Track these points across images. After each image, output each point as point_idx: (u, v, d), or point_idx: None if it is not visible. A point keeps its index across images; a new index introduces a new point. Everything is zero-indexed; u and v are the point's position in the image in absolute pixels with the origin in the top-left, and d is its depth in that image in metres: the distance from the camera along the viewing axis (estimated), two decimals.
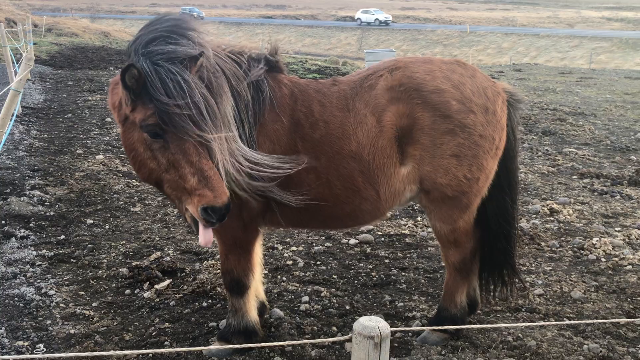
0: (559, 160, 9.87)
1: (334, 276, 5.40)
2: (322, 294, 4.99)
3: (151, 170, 3.19)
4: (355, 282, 5.31)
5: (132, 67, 2.96)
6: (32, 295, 4.78)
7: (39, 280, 5.07)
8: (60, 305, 4.68)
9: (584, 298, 4.98)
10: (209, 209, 3.01)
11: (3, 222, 6.24)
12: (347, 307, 4.79)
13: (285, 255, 5.87)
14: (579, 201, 7.67)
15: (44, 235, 6.09)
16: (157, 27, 3.25)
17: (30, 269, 5.27)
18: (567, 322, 2.92)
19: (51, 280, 5.11)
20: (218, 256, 5.15)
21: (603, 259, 5.79)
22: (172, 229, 6.49)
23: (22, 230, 6.08)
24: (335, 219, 3.93)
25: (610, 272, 5.52)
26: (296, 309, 4.75)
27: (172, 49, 3.10)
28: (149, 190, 7.56)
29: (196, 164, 3.03)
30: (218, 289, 4.98)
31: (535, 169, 9.29)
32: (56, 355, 2.19)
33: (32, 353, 3.99)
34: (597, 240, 6.16)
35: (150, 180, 3.30)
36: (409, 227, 6.76)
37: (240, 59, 3.62)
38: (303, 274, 5.43)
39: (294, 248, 6.06)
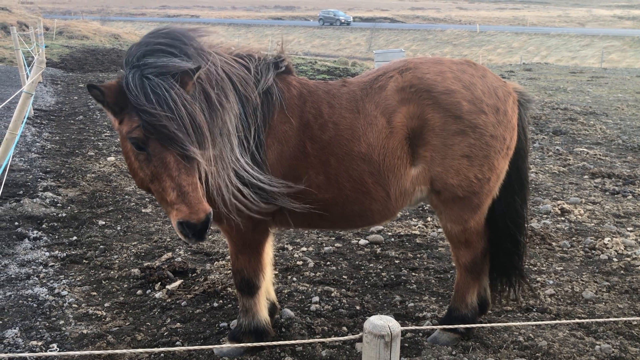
0: (570, 159, 9.82)
1: (344, 276, 5.41)
2: (333, 294, 5.00)
3: (142, 180, 3.24)
4: (366, 282, 5.31)
5: (91, 88, 3.03)
6: (45, 295, 4.83)
7: (51, 281, 5.12)
8: (73, 305, 4.72)
9: (596, 298, 4.95)
10: (185, 224, 3.02)
11: (16, 223, 6.31)
12: (358, 308, 4.80)
13: (296, 255, 5.88)
14: (591, 201, 7.62)
15: (57, 236, 6.15)
16: (152, 40, 3.28)
17: (43, 270, 5.32)
18: (579, 320, 2.90)
19: (64, 280, 5.16)
20: (229, 256, 5.18)
21: (615, 259, 5.75)
22: None
23: (35, 232, 6.14)
24: (345, 220, 3.93)
25: (622, 272, 5.48)
26: (307, 309, 4.76)
27: (164, 62, 3.12)
28: None
29: (176, 179, 3.04)
30: (229, 289, 5.00)
31: (546, 168, 9.25)
32: (70, 353, 2.21)
33: (46, 352, 4.03)
34: (608, 240, 6.12)
35: (143, 188, 3.35)
36: (419, 227, 6.75)
37: (248, 62, 3.64)
38: (313, 274, 5.44)
39: (304, 248, 6.07)
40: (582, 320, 3.21)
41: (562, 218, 6.96)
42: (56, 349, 4.08)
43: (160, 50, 3.21)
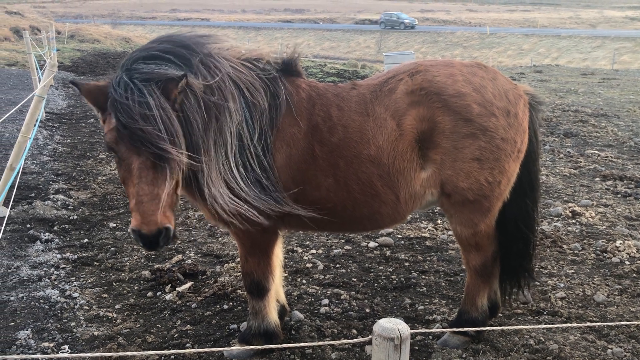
0: (581, 162, 9.76)
1: (353, 279, 5.40)
2: (342, 297, 5.00)
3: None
4: (375, 285, 5.31)
5: (71, 84, 3.19)
6: (57, 297, 4.87)
7: (63, 283, 5.16)
8: (84, 307, 4.76)
9: (608, 301, 4.91)
10: (136, 233, 3.07)
11: (28, 225, 6.36)
12: (367, 310, 4.79)
13: (305, 258, 5.88)
14: (602, 203, 7.57)
15: (68, 239, 6.19)
16: (152, 46, 3.37)
17: (55, 272, 5.36)
18: (590, 324, 2.88)
19: (75, 282, 5.19)
20: (238, 259, 5.19)
21: (627, 262, 5.70)
22: (193, 232, 6.55)
23: (47, 234, 6.19)
24: (355, 223, 3.93)
25: (634, 275, 5.44)
26: (316, 311, 4.76)
27: (151, 69, 3.17)
28: None
29: (136, 186, 3.07)
30: (239, 291, 5.01)
31: (557, 171, 9.20)
32: (81, 355, 2.23)
33: (58, 354, 4.06)
34: (620, 243, 6.07)
35: None
36: (429, 230, 6.73)
37: (257, 66, 3.65)
38: (323, 276, 5.44)
39: (313, 251, 6.07)
40: (594, 324, 3.19)
41: (573, 221, 6.91)
42: (67, 351, 4.11)
43: (156, 56, 3.28)
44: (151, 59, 3.26)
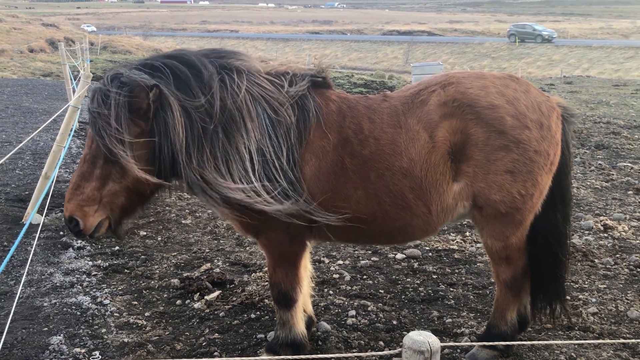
0: (613, 174, 9.57)
1: (380, 291, 5.38)
2: (369, 309, 4.98)
3: None
4: (403, 297, 5.28)
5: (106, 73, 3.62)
6: (88, 304, 4.95)
7: (94, 290, 5.25)
8: (115, 314, 4.83)
9: None
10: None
11: (61, 232, 6.50)
12: (395, 322, 4.77)
13: (332, 268, 5.88)
14: (635, 217, 7.41)
15: (99, 246, 6.30)
16: (157, 57, 3.57)
17: (87, 279, 5.46)
18: (624, 340, 2.82)
19: (106, 289, 5.28)
20: (266, 268, 5.22)
21: None
22: (221, 241, 6.61)
23: (79, 241, 6.31)
24: (385, 235, 3.92)
25: None
26: (343, 322, 4.76)
27: (131, 73, 3.37)
28: (199, 203, 7.72)
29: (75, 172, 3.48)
30: (266, 301, 5.04)
31: (588, 183, 9.04)
32: None
33: None
34: None
35: None
36: (457, 242, 6.68)
37: (284, 80, 3.68)
38: (350, 288, 5.43)
39: (340, 262, 6.07)
40: (628, 341, 3.13)
41: (605, 234, 6.78)
42: (98, 357, 4.17)
43: (153, 66, 3.43)
44: (144, 67, 3.43)
